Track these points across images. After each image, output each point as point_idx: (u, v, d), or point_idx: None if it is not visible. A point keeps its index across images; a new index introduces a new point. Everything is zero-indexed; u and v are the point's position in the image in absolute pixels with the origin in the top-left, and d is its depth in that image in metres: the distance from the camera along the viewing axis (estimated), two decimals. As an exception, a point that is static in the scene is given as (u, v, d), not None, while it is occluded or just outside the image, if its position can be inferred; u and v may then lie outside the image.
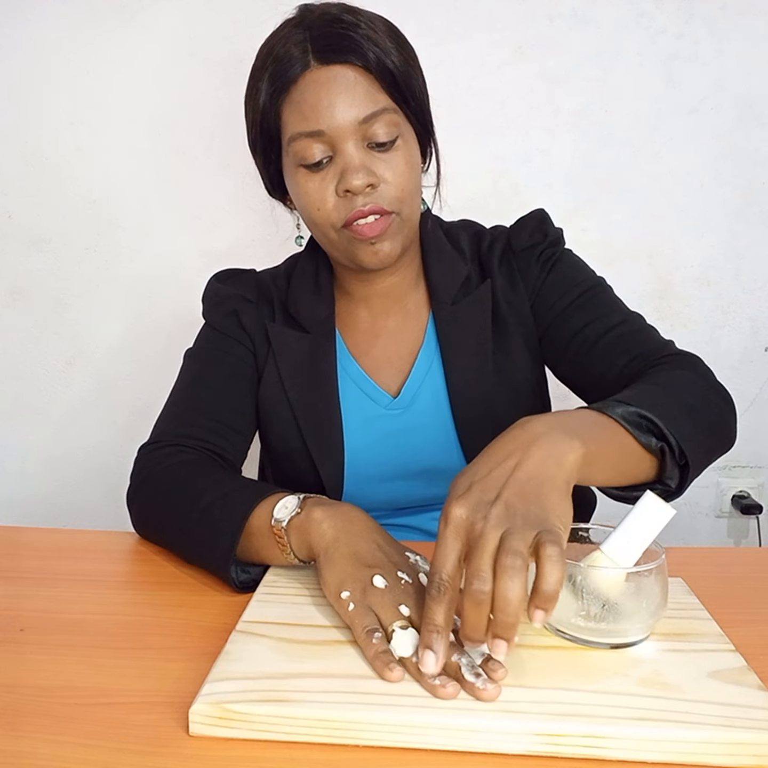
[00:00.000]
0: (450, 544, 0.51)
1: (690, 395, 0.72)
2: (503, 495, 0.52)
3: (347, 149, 0.77)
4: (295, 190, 0.82)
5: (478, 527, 0.51)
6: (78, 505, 1.63)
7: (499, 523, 0.50)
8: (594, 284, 0.90)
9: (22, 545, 0.83)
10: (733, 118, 1.45)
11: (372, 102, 0.77)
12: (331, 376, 0.89)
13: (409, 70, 0.80)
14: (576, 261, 0.93)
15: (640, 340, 0.83)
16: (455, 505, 0.52)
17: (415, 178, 0.82)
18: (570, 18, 1.41)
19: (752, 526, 1.63)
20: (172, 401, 0.91)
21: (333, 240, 0.82)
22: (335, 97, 0.76)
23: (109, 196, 1.50)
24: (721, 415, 0.76)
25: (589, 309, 0.87)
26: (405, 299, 0.92)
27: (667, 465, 0.66)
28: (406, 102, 0.80)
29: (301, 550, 0.65)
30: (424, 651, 0.50)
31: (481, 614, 0.49)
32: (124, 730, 0.49)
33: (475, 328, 0.88)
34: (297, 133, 0.78)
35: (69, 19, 1.43)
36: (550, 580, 0.47)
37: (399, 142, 0.79)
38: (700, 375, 0.78)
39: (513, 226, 0.93)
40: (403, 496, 0.90)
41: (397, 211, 0.80)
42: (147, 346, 1.56)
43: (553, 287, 0.89)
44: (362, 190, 0.77)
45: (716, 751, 0.45)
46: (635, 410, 0.64)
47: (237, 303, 0.93)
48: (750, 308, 1.53)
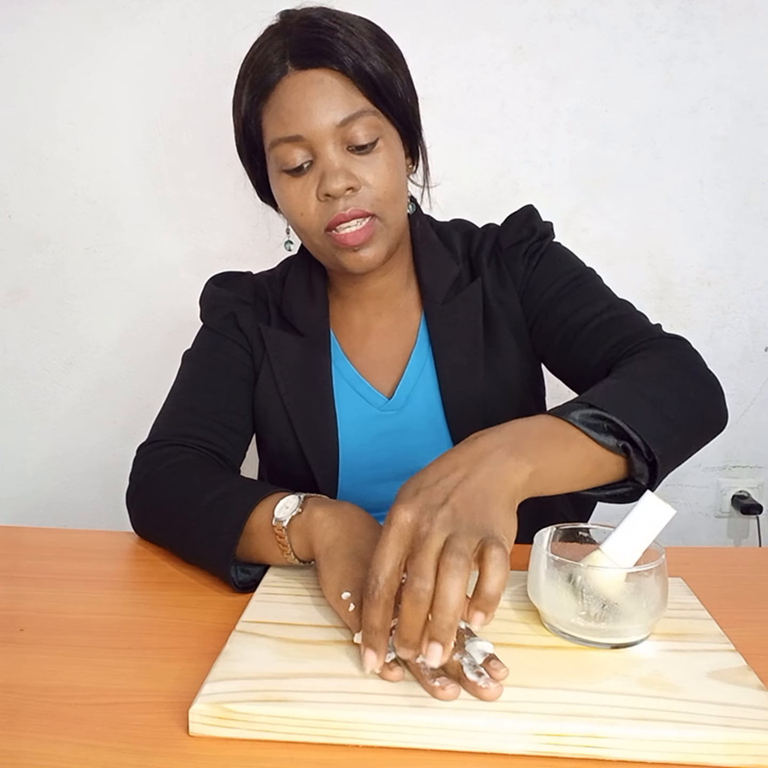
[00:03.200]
0: (392, 546, 0.51)
1: (660, 386, 0.69)
2: (450, 501, 0.51)
3: (326, 153, 0.77)
4: (279, 195, 0.82)
5: (423, 529, 0.50)
6: (78, 505, 1.63)
7: (445, 526, 0.50)
8: (581, 273, 0.89)
9: (22, 545, 0.83)
10: (733, 118, 1.45)
11: (349, 105, 0.77)
12: (325, 378, 0.89)
13: (390, 72, 0.79)
14: (563, 252, 0.92)
15: (624, 325, 0.81)
16: (401, 509, 0.52)
17: (398, 180, 0.82)
18: (570, 18, 1.41)
19: (752, 526, 1.63)
20: (170, 402, 0.91)
21: (317, 245, 0.83)
22: (312, 102, 0.76)
23: (109, 196, 1.50)
24: (702, 400, 0.73)
25: (576, 297, 0.86)
26: (397, 300, 0.93)
27: (634, 463, 0.64)
28: (387, 104, 0.80)
29: (302, 550, 0.65)
30: (366, 650, 0.50)
31: (420, 614, 0.48)
32: (124, 730, 0.49)
33: (466, 326, 0.88)
34: (277, 139, 0.78)
35: (69, 19, 1.43)
36: (493, 582, 0.47)
37: (380, 144, 0.79)
38: (678, 360, 0.75)
39: (502, 224, 0.93)
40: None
41: (379, 213, 0.80)
42: (147, 346, 1.56)
43: (540, 279, 0.88)
44: (342, 193, 0.77)
45: (716, 751, 0.45)
46: (594, 412, 0.62)
47: (234, 305, 0.94)
48: (750, 308, 1.53)
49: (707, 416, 0.74)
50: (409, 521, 0.51)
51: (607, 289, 0.88)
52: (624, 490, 0.67)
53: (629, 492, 0.67)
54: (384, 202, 0.80)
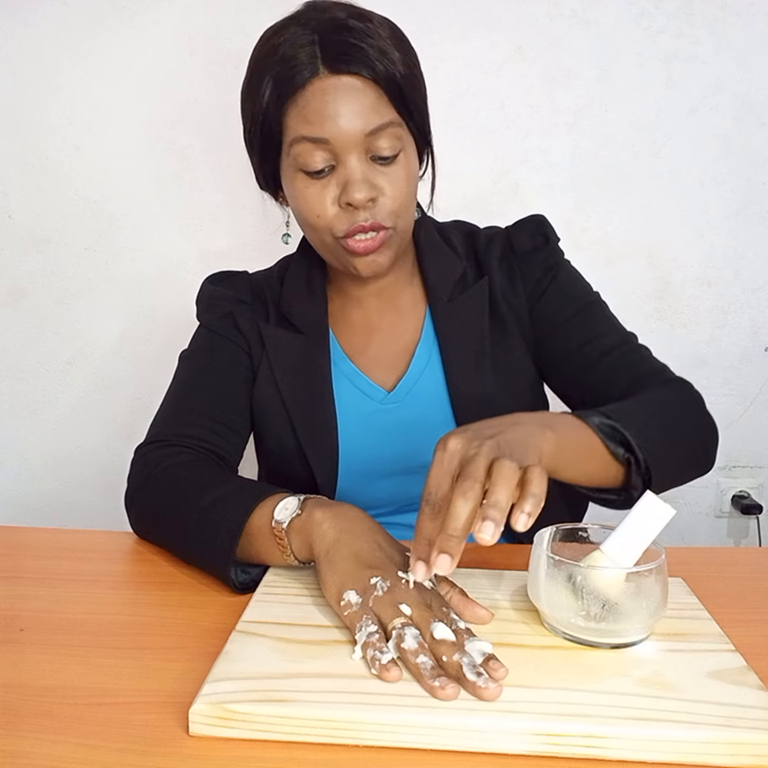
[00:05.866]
0: (446, 466, 0.55)
1: (672, 417, 0.77)
2: (495, 437, 0.57)
3: (350, 161, 0.77)
4: (293, 194, 0.82)
5: (472, 452, 0.55)
6: (78, 505, 1.63)
7: (492, 451, 0.55)
8: (592, 300, 0.92)
9: (22, 545, 0.83)
10: (733, 118, 1.45)
11: (378, 115, 0.77)
12: (325, 376, 0.90)
13: (414, 80, 0.80)
14: (575, 273, 0.94)
15: (639, 362, 0.86)
16: (451, 437, 0.57)
17: (413, 191, 0.83)
18: (570, 18, 1.41)
19: (752, 526, 1.63)
20: (168, 401, 0.91)
21: (329, 246, 0.82)
22: (342, 108, 0.75)
23: (109, 196, 1.50)
24: (701, 441, 0.81)
25: (589, 326, 0.89)
26: (398, 297, 0.93)
27: (632, 476, 0.70)
28: (410, 115, 0.80)
29: (302, 551, 0.65)
30: (417, 562, 0.54)
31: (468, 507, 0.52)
32: (124, 730, 0.49)
33: (473, 324, 0.89)
34: (301, 136, 0.77)
35: (69, 19, 1.43)
36: (541, 484, 0.53)
37: (401, 156, 0.79)
38: (689, 400, 0.82)
39: (512, 228, 0.94)
40: (402, 493, 0.90)
41: (393, 225, 0.81)
42: (147, 346, 1.56)
43: (552, 298, 0.90)
44: (364, 203, 0.77)
45: (716, 751, 0.45)
46: (610, 423, 0.69)
47: (232, 305, 0.94)
48: (750, 308, 1.53)
49: (700, 456, 0.82)
50: (459, 447, 0.56)
51: (614, 318, 0.92)
52: (616, 498, 0.73)
53: (620, 500, 0.72)
54: (398, 214, 0.80)
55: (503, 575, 0.67)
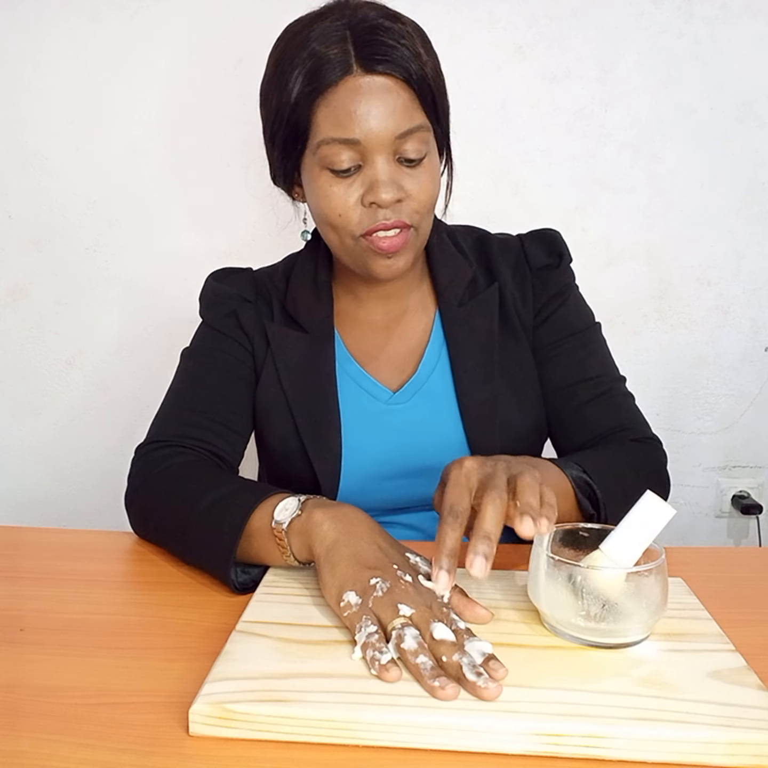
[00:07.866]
0: (464, 482, 0.60)
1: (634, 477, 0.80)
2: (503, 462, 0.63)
3: (379, 162, 0.77)
4: (316, 192, 0.80)
5: (489, 470, 0.61)
6: (78, 505, 1.63)
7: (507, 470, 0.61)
8: (591, 335, 0.94)
9: (22, 545, 0.83)
10: (733, 118, 1.45)
11: (409, 118, 0.77)
12: (329, 376, 0.89)
13: (441, 85, 0.81)
14: (581, 300, 0.96)
15: (622, 413, 0.90)
16: (466, 459, 0.62)
17: (436, 194, 0.83)
18: (570, 18, 1.41)
19: (752, 526, 1.63)
20: (169, 401, 0.91)
21: (348, 246, 0.82)
22: (374, 108, 0.75)
23: (109, 196, 1.50)
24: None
25: (583, 366, 0.91)
26: (407, 299, 0.93)
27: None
28: (438, 119, 0.81)
29: (302, 552, 0.65)
30: (440, 572, 0.56)
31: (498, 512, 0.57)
32: (124, 730, 0.49)
33: (482, 329, 0.90)
34: (330, 138, 0.76)
35: (69, 18, 1.43)
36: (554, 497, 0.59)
37: (426, 159, 0.80)
38: (654, 461, 0.88)
39: (527, 240, 0.94)
40: (404, 495, 0.90)
41: (415, 225, 0.81)
42: (147, 346, 1.56)
43: (557, 326, 0.92)
44: (390, 204, 0.77)
45: (716, 751, 0.45)
46: (586, 479, 0.75)
47: (236, 303, 0.93)
48: (750, 308, 1.53)
49: None
50: (476, 466, 0.61)
51: (610, 358, 0.95)
52: None
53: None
54: (421, 215, 0.81)
55: (503, 575, 0.67)
